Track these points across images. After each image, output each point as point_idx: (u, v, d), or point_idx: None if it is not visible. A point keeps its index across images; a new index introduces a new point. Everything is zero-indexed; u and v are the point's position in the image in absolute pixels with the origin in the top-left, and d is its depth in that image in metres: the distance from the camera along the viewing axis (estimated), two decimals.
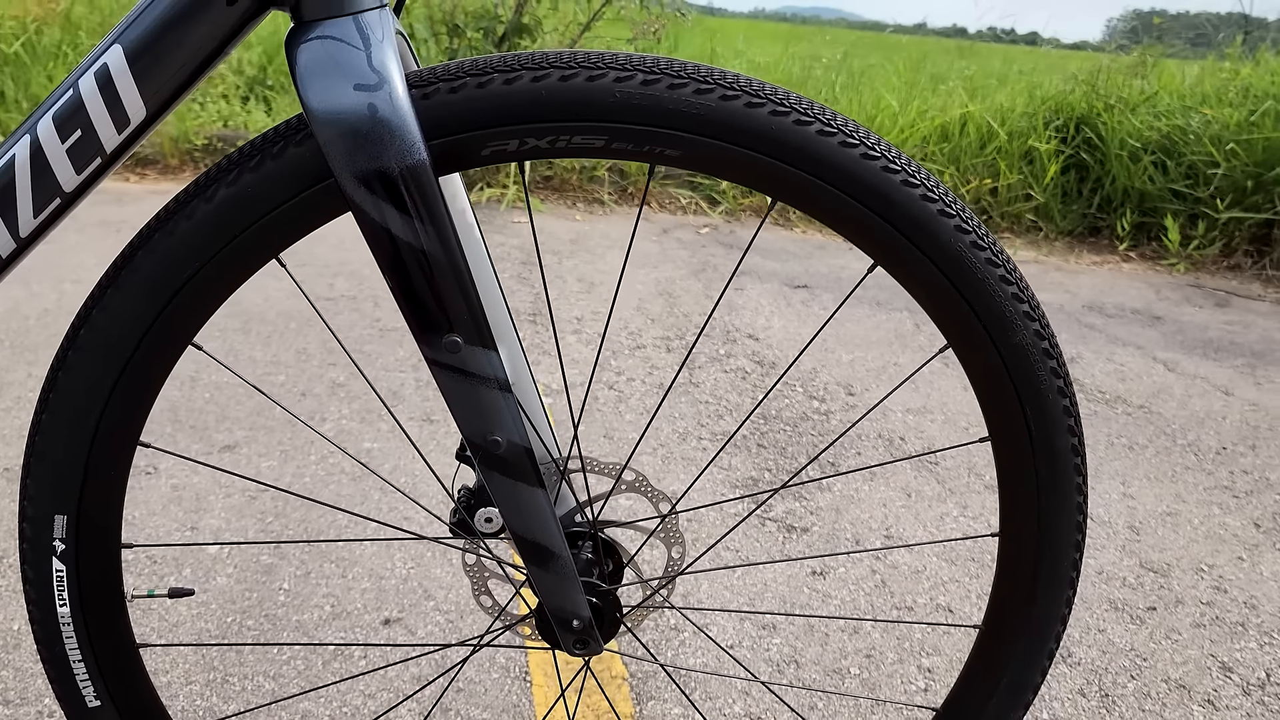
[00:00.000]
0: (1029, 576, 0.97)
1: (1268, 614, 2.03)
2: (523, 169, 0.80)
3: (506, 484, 0.85)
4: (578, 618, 0.91)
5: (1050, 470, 0.92)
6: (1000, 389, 0.90)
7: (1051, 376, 0.89)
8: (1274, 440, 3.00)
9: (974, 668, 1.04)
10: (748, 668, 1.71)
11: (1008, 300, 0.86)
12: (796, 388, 3.05)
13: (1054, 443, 0.91)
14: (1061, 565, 0.97)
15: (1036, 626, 0.99)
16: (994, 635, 1.01)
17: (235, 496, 2.11)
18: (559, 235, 4.89)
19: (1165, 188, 5.75)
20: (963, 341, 0.89)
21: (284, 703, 1.52)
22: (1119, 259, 5.69)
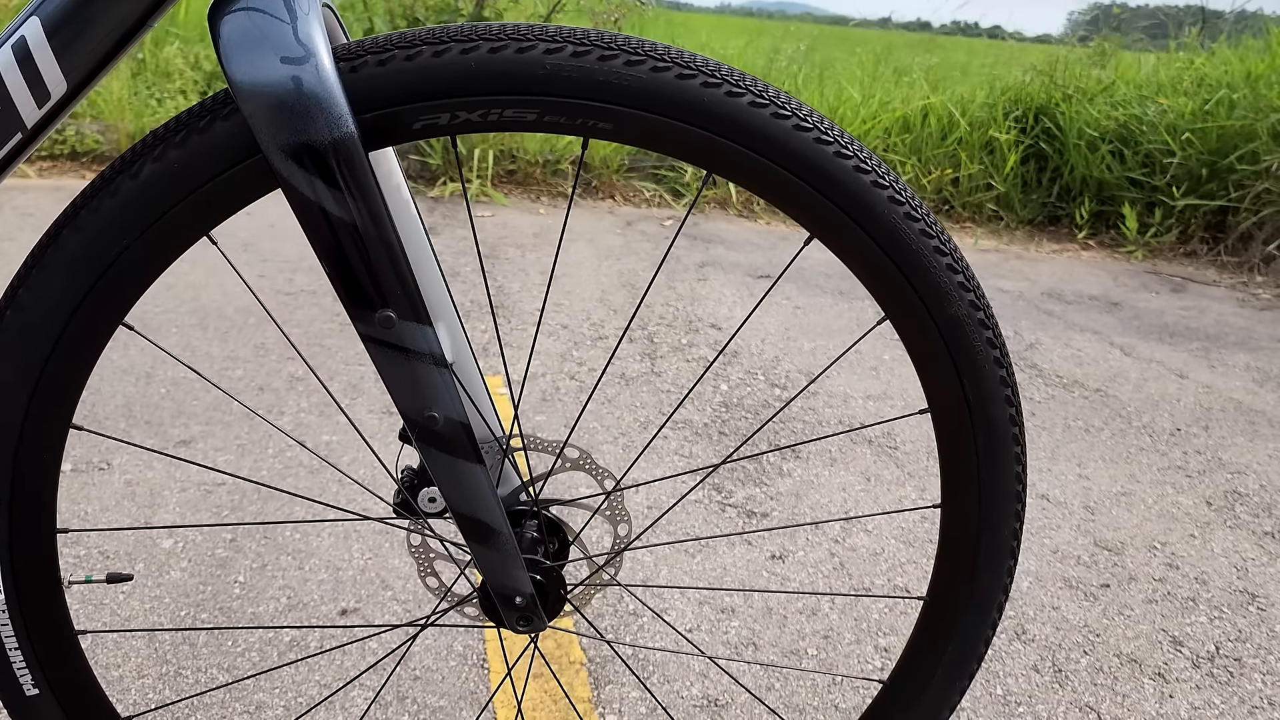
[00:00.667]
0: (970, 547, 0.98)
1: (1218, 589, 2.06)
2: (454, 143, 0.80)
3: (445, 460, 0.84)
4: (520, 594, 0.91)
5: (989, 441, 0.93)
6: (937, 360, 0.90)
7: (988, 347, 0.90)
8: (1226, 421, 3.05)
9: (919, 639, 1.05)
10: (699, 647, 1.71)
11: (942, 271, 0.87)
12: (759, 375, 3.06)
13: (991, 413, 0.92)
14: (1002, 535, 0.98)
15: (978, 597, 1.00)
16: (937, 606, 1.02)
17: (190, 491, 2.09)
18: (522, 229, 4.88)
19: (1123, 176, 5.82)
20: (899, 314, 0.90)
21: (238, 694, 1.51)
22: (1078, 247, 5.76)
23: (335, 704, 1.51)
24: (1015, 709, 1.64)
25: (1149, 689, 1.72)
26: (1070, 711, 1.64)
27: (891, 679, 1.07)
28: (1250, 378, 3.51)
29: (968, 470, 0.95)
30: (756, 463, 2.45)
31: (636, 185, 5.97)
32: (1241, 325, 4.26)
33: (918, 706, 1.05)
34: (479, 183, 5.52)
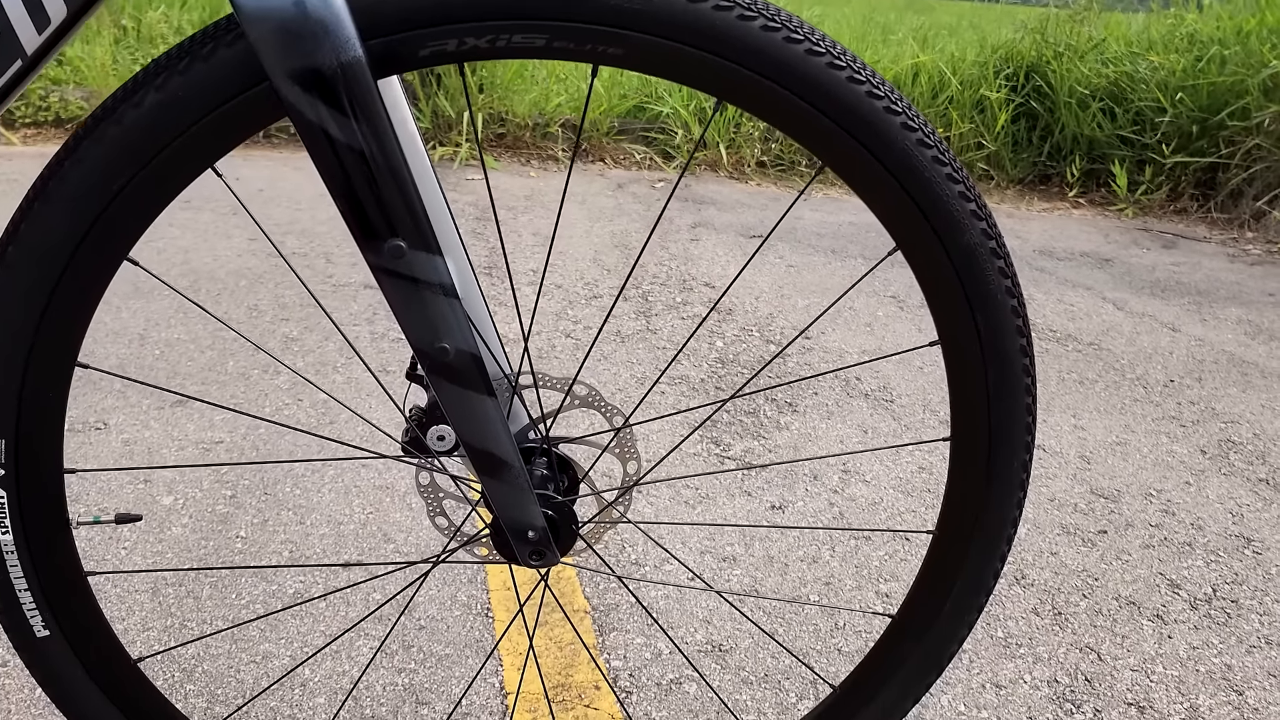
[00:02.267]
0: (980, 478, 0.98)
1: (1213, 534, 2.08)
2: (463, 71, 0.78)
3: (456, 392, 0.84)
4: (533, 528, 0.91)
5: (1000, 373, 0.93)
6: (949, 291, 0.90)
7: (1000, 277, 0.90)
8: (1219, 372, 3.06)
9: (928, 573, 1.05)
10: (707, 582, 1.72)
11: (955, 199, 0.86)
12: (753, 332, 3.06)
13: (1003, 345, 0.92)
14: (1012, 466, 0.98)
15: (988, 528, 1.00)
16: (947, 539, 1.02)
17: (189, 449, 2.08)
18: (514, 192, 4.85)
19: (1113, 134, 5.81)
20: (911, 243, 0.89)
21: (244, 645, 1.51)
22: (1069, 205, 5.75)
23: (341, 653, 1.51)
24: (1016, 650, 1.65)
25: (1148, 630, 1.74)
26: (1070, 652, 1.66)
27: (901, 613, 1.07)
28: (1242, 331, 3.52)
29: (978, 403, 0.95)
30: (754, 416, 2.45)
31: (627, 148, 5.93)
32: (1232, 280, 4.27)
33: (927, 639, 1.06)
34: (468, 146, 5.47)
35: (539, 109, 5.80)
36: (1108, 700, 1.55)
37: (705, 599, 1.72)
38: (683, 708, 1.45)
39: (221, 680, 1.44)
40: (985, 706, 1.51)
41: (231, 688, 1.42)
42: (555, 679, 1.49)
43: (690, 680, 1.51)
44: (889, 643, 1.08)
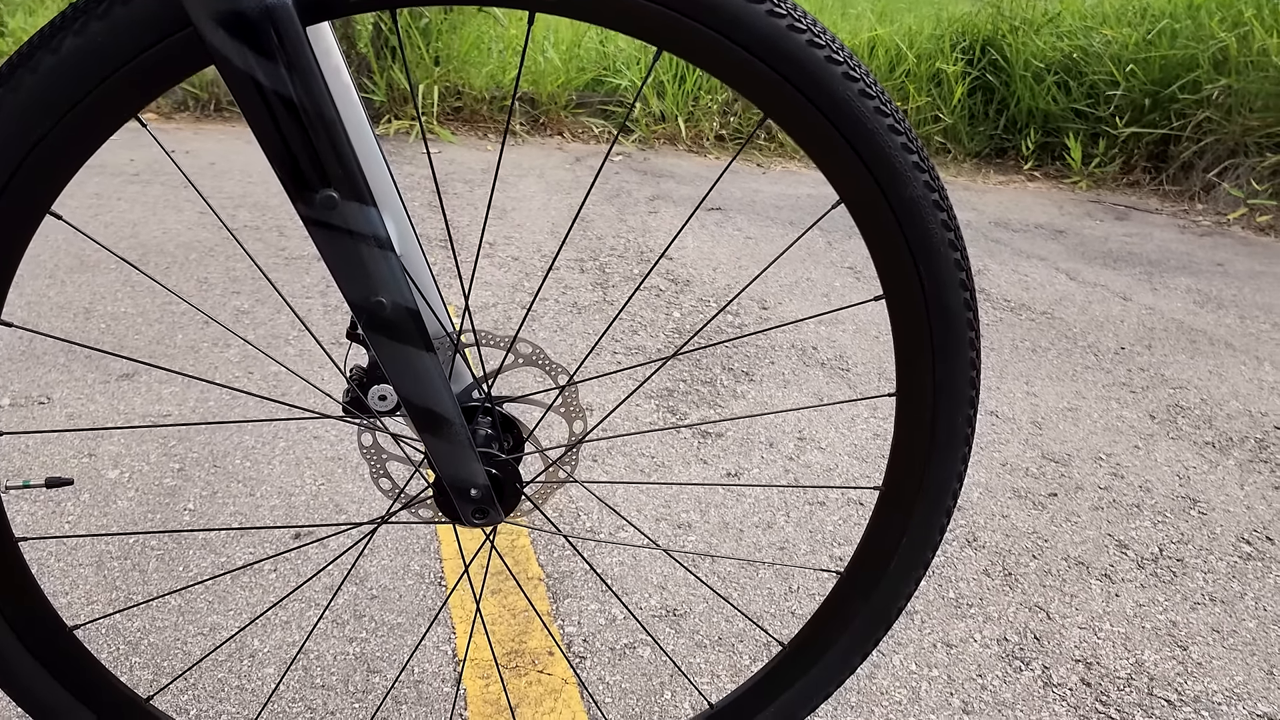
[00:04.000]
0: (926, 434, 0.98)
1: (1161, 496, 2.11)
2: (394, 17, 0.76)
3: (394, 348, 0.82)
4: (475, 486, 0.89)
5: (944, 326, 0.93)
6: (893, 244, 0.89)
7: (943, 230, 0.90)
8: (1169, 340, 3.11)
9: (875, 529, 1.05)
10: (654, 540, 1.72)
11: (897, 151, 0.86)
12: (710, 303, 3.06)
13: (946, 298, 0.92)
14: (957, 422, 0.98)
15: (934, 483, 1.01)
16: (893, 495, 1.03)
17: (135, 422, 2.04)
18: (470, 165, 4.80)
19: (1068, 108, 5.86)
20: (854, 195, 0.88)
21: (191, 617, 1.49)
22: (1024, 178, 5.80)
23: (292, 623, 1.49)
24: (967, 610, 1.67)
25: (1096, 589, 1.77)
26: (1020, 611, 1.68)
27: (849, 570, 1.07)
28: (1191, 299, 3.58)
29: (923, 357, 0.95)
30: (711, 386, 2.45)
31: (585, 121, 5.89)
32: (1183, 250, 4.33)
33: (875, 595, 1.06)
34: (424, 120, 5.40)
35: (495, 82, 5.74)
36: (1056, 657, 1.57)
37: (660, 565, 1.72)
38: (636, 671, 1.46)
39: (168, 652, 1.41)
40: (936, 665, 1.53)
41: (178, 660, 1.40)
42: (508, 645, 1.48)
43: (644, 645, 1.51)
44: (838, 599, 1.09)
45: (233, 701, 1.33)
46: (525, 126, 5.76)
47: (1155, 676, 1.54)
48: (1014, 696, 1.47)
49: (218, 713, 1.31)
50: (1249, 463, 2.30)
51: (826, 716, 1.39)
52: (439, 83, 5.54)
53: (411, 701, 1.36)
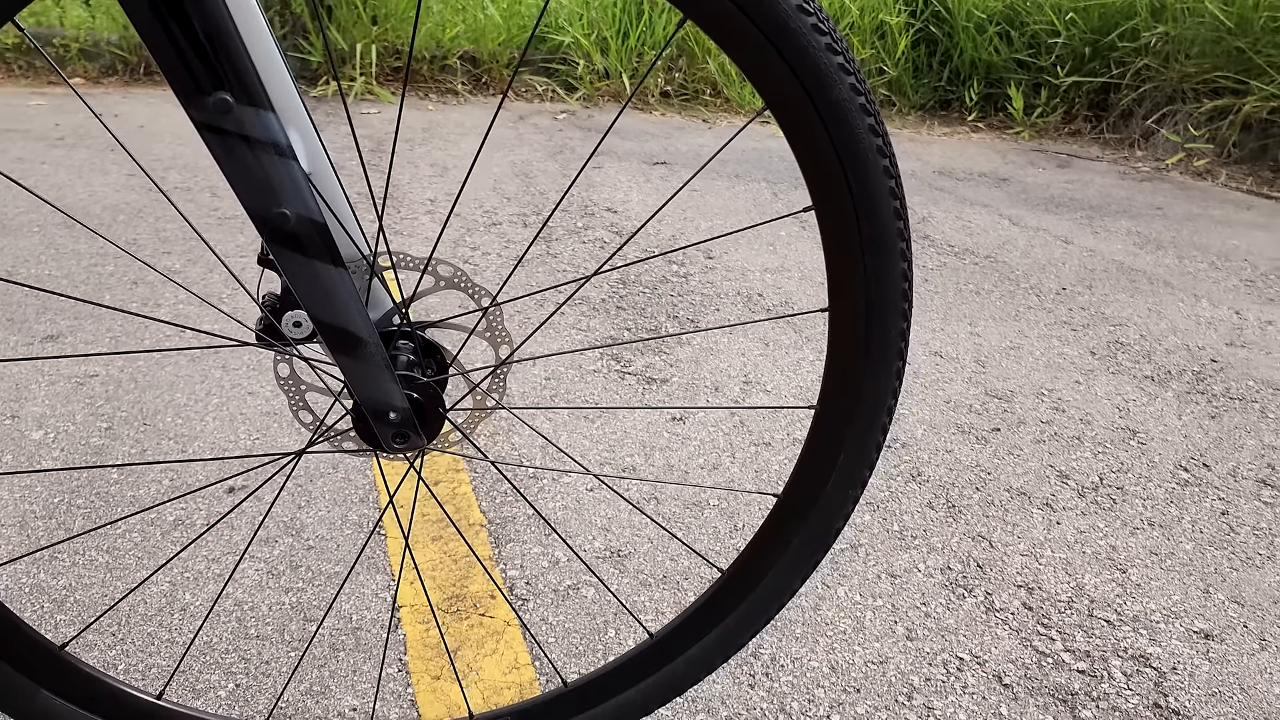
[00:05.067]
0: (859, 348, 0.97)
1: (1101, 428, 2.13)
2: None
3: (300, 263, 0.79)
4: (394, 409, 0.86)
5: (874, 236, 0.91)
6: (819, 150, 0.87)
7: (870, 135, 0.87)
8: (1109, 280, 3.14)
9: (811, 449, 1.04)
10: (585, 465, 1.70)
11: (822, 52, 0.83)
12: (655, 253, 3.03)
13: (875, 205, 0.90)
14: (889, 335, 0.97)
15: (869, 399, 0.99)
16: (829, 413, 1.01)
17: (60, 384, 1.98)
18: (411, 125, 4.71)
19: (1010, 58, 5.88)
20: (779, 100, 0.86)
21: (119, 574, 1.44)
22: (968, 129, 5.83)
23: (225, 576, 1.45)
24: (911, 542, 1.67)
25: (1038, 518, 1.78)
26: (964, 541, 1.69)
27: (786, 491, 1.06)
28: (1131, 241, 3.61)
29: (853, 268, 0.93)
30: (656, 333, 2.43)
31: (528, 79, 5.80)
32: (1123, 195, 4.38)
33: (813, 515, 1.05)
34: (363, 80, 5.29)
35: (435, 40, 5.62)
36: (998, 584, 1.58)
37: (603, 507, 1.70)
38: (580, 611, 1.44)
39: (94, 609, 1.37)
40: (881, 595, 1.53)
41: (106, 616, 1.36)
42: (449, 590, 1.46)
43: (588, 585, 1.50)
44: (775, 522, 1.07)
45: (163, 655, 1.29)
46: (468, 86, 5.66)
47: (1095, 599, 1.56)
48: (957, 622, 1.48)
49: (148, 666, 1.27)
50: (1186, 394, 2.33)
51: (772, 648, 1.39)
52: (377, 42, 5.42)
53: (349, 648, 1.33)
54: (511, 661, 1.33)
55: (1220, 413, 2.25)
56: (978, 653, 1.42)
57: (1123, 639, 1.47)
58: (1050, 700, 1.33)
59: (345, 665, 1.30)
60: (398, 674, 1.29)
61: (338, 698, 1.24)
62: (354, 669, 1.29)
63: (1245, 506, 1.86)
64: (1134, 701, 1.34)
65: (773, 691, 1.31)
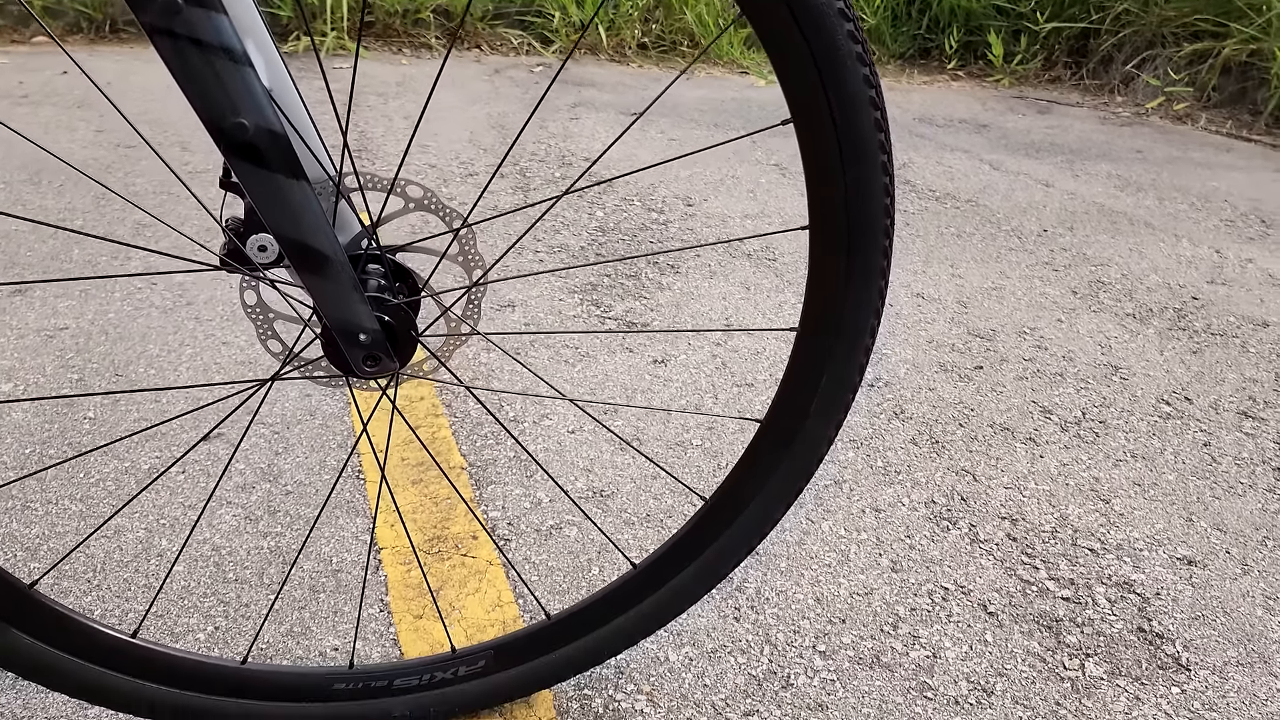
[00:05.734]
0: (840, 269, 0.95)
1: (1083, 364, 2.13)
2: None
3: (261, 176, 0.76)
4: (363, 330, 0.84)
5: (854, 146, 0.88)
6: (797, 58, 0.84)
7: (849, 42, 0.85)
8: (1090, 222, 3.13)
9: (793, 372, 1.02)
10: (558, 389, 1.69)
11: None
12: (634, 202, 3.00)
13: (855, 115, 0.87)
14: (870, 255, 0.95)
15: (851, 319, 0.97)
16: (811, 334, 0.99)
17: (29, 337, 1.94)
18: (384, 79, 4.63)
19: (989, 5, 5.83)
20: (756, 6, 0.83)
21: (93, 520, 1.42)
22: (948, 78, 5.78)
23: (203, 522, 1.43)
24: (895, 477, 1.67)
25: (1021, 452, 1.78)
26: (947, 476, 1.68)
27: (769, 416, 1.04)
28: (1112, 184, 3.60)
29: (833, 182, 0.90)
30: (635, 279, 2.40)
31: (503, 33, 5.71)
32: (1103, 140, 4.36)
33: (795, 441, 1.04)
34: (334, 35, 5.19)
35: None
36: (982, 516, 1.58)
37: (585, 449, 1.68)
38: (563, 550, 1.43)
39: (70, 557, 1.35)
40: (865, 529, 1.52)
41: (80, 563, 1.34)
42: (430, 532, 1.44)
43: (571, 525, 1.48)
44: (758, 448, 1.06)
45: (140, 600, 1.27)
46: (441, 40, 5.56)
47: (1079, 528, 1.56)
48: (941, 554, 1.48)
49: (124, 611, 1.25)
50: (1168, 331, 2.33)
51: (757, 582, 1.38)
52: None
53: (330, 590, 1.31)
54: (495, 600, 1.32)
55: (1202, 348, 2.25)
56: (962, 583, 1.41)
57: (1106, 567, 1.47)
58: (1035, 627, 1.33)
59: (326, 607, 1.28)
60: (379, 614, 1.28)
61: (319, 638, 1.23)
62: (335, 610, 1.28)
63: (1227, 438, 1.87)
64: (1118, 626, 1.35)
65: (758, 624, 1.31)
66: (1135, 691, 1.23)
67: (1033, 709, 1.19)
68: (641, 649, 1.25)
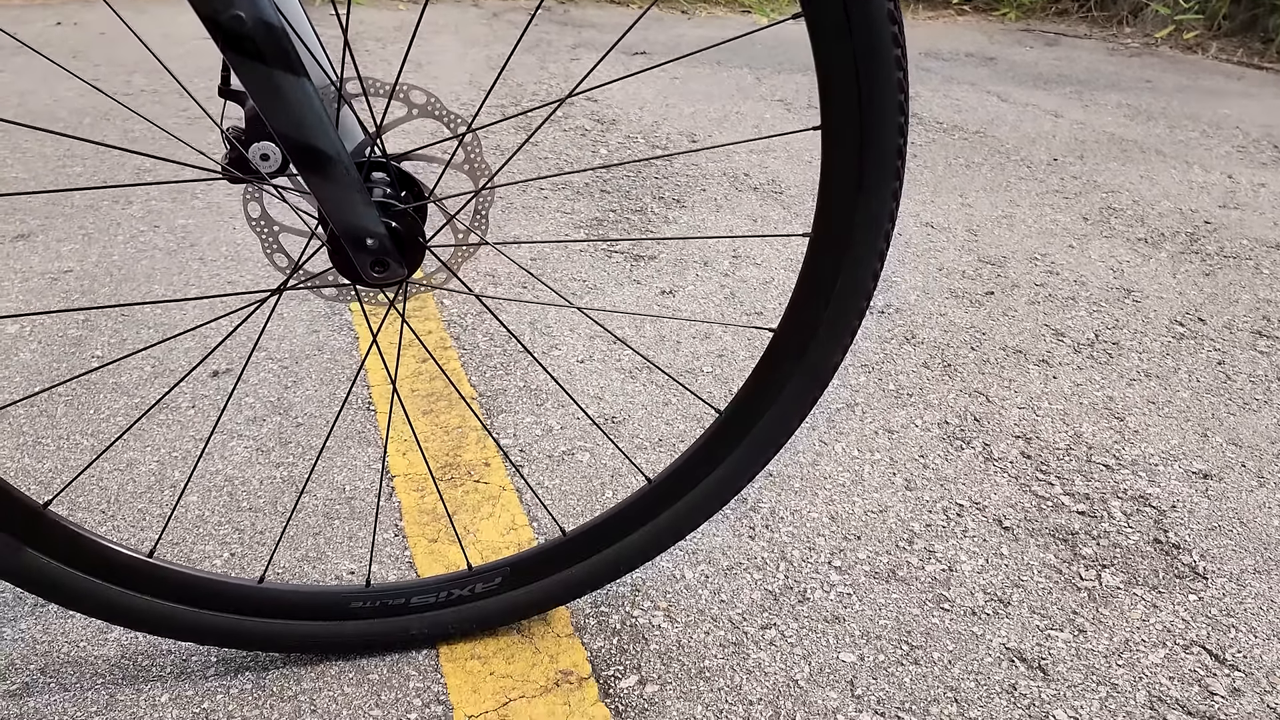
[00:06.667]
0: (854, 170, 0.93)
1: (1096, 288, 2.11)
2: None
3: (261, 72, 0.74)
4: (371, 235, 0.82)
5: (867, 40, 0.86)
6: None
7: None
8: (1100, 150, 3.09)
9: (807, 279, 1.00)
10: (568, 299, 1.68)
11: None
12: (638, 139, 2.96)
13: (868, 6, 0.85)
14: (885, 154, 0.93)
15: (865, 223, 0.96)
16: (824, 241, 0.98)
17: (34, 280, 1.93)
18: (382, 24, 4.57)
19: None
20: None
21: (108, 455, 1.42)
22: (954, 12, 5.69)
23: (214, 454, 1.43)
24: (907, 400, 1.66)
25: (1034, 373, 1.76)
26: (960, 397, 1.67)
27: (783, 326, 1.03)
28: (1122, 113, 3.55)
29: (846, 79, 0.88)
30: (641, 214, 2.38)
31: None
32: (1112, 70, 4.29)
33: (809, 349, 1.02)
34: None
35: None
36: (996, 435, 1.57)
37: (596, 377, 1.67)
38: (575, 475, 1.42)
39: (82, 489, 1.35)
40: (879, 450, 1.52)
41: (94, 494, 1.34)
42: (442, 460, 1.44)
43: (583, 450, 1.48)
44: (772, 358, 1.05)
45: (153, 529, 1.27)
46: None
47: (1094, 445, 1.55)
48: (955, 472, 1.47)
49: (139, 540, 1.25)
50: (1180, 254, 2.30)
51: (771, 502, 1.38)
52: None
53: (344, 516, 1.31)
54: (509, 523, 1.32)
55: (1215, 270, 2.22)
56: (977, 499, 1.41)
57: (1122, 481, 1.46)
58: (1051, 540, 1.33)
59: (340, 532, 1.28)
60: (394, 539, 1.28)
61: (334, 562, 1.23)
62: (349, 535, 1.28)
63: (1241, 356, 1.85)
64: (1134, 538, 1.34)
65: (773, 541, 1.30)
66: (1153, 599, 1.23)
67: (1049, 618, 1.19)
68: (656, 567, 1.25)
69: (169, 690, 1.03)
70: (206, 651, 1.08)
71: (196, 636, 1.04)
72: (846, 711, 1.04)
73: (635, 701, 1.05)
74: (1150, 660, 1.13)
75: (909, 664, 1.11)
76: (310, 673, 1.06)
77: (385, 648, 1.11)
